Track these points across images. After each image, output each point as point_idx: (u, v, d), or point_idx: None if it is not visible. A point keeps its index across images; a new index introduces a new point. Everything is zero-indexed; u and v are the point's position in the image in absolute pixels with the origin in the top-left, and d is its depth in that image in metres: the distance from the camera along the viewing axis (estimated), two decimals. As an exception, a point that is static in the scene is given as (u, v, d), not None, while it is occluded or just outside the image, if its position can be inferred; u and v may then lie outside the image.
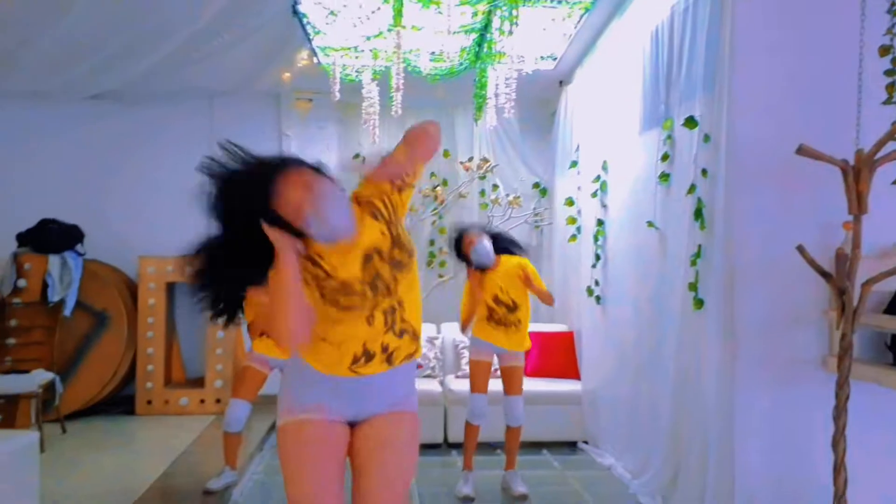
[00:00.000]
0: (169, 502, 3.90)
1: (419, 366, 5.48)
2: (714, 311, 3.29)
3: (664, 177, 3.87)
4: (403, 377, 2.08)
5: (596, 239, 4.99)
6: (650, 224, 3.94)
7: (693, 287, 3.42)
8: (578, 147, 5.47)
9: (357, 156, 6.51)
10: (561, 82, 6.03)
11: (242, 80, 6.02)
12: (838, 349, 2.73)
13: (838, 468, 2.68)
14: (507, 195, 6.52)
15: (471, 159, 6.57)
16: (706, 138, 3.39)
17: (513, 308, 4.09)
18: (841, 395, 2.69)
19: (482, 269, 4.07)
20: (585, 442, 5.15)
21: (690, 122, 3.47)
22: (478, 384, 4.13)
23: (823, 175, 3.06)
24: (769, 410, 3.11)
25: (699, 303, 3.40)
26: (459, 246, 4.06)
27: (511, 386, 4.14)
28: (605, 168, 4.89)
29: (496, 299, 4.09)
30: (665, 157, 3.86)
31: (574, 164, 5.50)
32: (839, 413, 2.68)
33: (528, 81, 5.26)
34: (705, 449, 3.34)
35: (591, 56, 5.34)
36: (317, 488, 1.94)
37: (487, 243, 4.01)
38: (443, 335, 5.82)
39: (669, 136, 3.84)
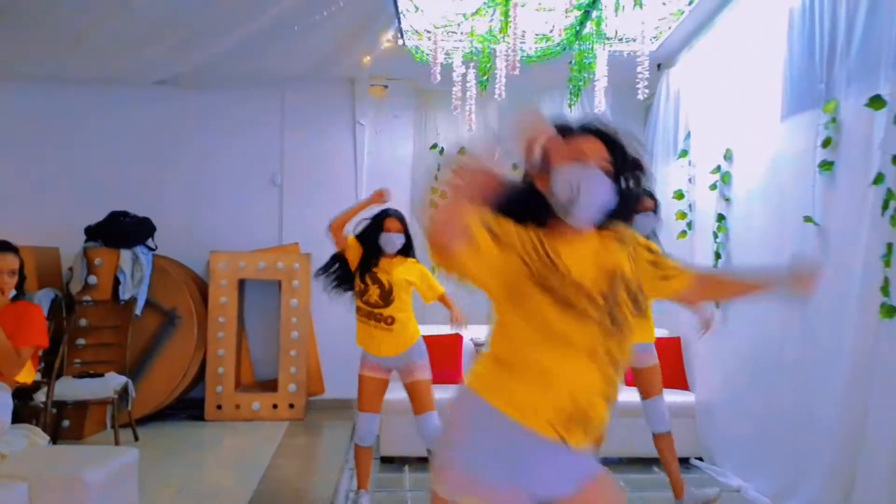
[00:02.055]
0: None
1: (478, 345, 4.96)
2: (911, 320, 2.85)
3: (826, 165, 3.42)
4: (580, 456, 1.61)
5: (716, 235, 4.54)
6: (808, 219, 3.49)
7: (884, 291, 2.98)
8: (689, 135, 5.01)
9: (434, 146, 6.11)
10: (659, 65, 5.58)
11: (317, 64, 5.63)
12: None
13: None
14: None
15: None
16: (898, 120, 2.94)
17: None
18: None
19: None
20: (700, 458, 4.71)
21: (877, 101, 3.02)
22: None
23: None
24: None
25: (889, 311, 2.95)
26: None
27: (645, 388, 3.70)
28: (728, 157, 4.44)
29: None
30: (827, 143, 3.41)
31: (684, 153, 5.04)
32: None
33: (619, 65, 4.83)
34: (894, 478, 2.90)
35: (703, 35, 4.89)
36: None
37: None
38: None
39: (833, 119, 3.39)
